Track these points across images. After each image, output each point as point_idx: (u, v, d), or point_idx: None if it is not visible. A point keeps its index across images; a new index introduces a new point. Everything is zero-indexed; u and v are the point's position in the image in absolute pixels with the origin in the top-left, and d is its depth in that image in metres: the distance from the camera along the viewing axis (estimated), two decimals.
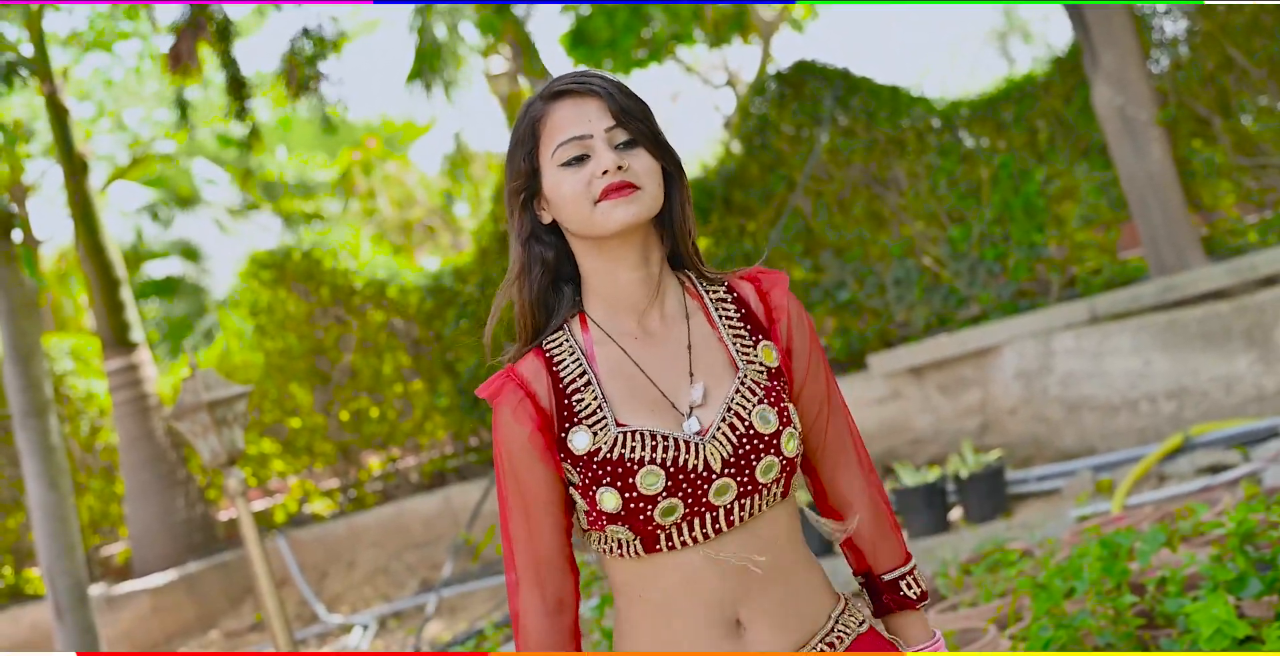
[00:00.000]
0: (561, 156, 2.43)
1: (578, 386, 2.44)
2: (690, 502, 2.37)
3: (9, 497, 13.68)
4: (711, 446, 2.39)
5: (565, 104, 2.46)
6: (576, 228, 2.45)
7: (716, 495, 2.38)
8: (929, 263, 11.05)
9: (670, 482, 2.36)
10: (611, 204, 2.40)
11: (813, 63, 11.47)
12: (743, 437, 2.41)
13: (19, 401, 8.64)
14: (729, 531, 2.41)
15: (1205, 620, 4.35)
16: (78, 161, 13.64)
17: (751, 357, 2.50)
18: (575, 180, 2.42)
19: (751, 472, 2.41)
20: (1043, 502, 9.02)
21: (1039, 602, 5.20)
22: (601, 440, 2.40)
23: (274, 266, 13.09)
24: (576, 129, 2.44)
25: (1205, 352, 9.07)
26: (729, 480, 2.39)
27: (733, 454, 2.40)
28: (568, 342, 2.49)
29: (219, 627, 12.20)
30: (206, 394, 7.05)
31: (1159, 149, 9.91)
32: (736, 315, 2.54)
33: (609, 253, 2.47)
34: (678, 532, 2.39)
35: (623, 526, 2.39)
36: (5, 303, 8.55)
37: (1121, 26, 9.92)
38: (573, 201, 2.42)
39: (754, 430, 2.42)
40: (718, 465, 2.39)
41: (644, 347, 2.48)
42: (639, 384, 2.45)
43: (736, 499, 2.40)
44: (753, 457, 2.41)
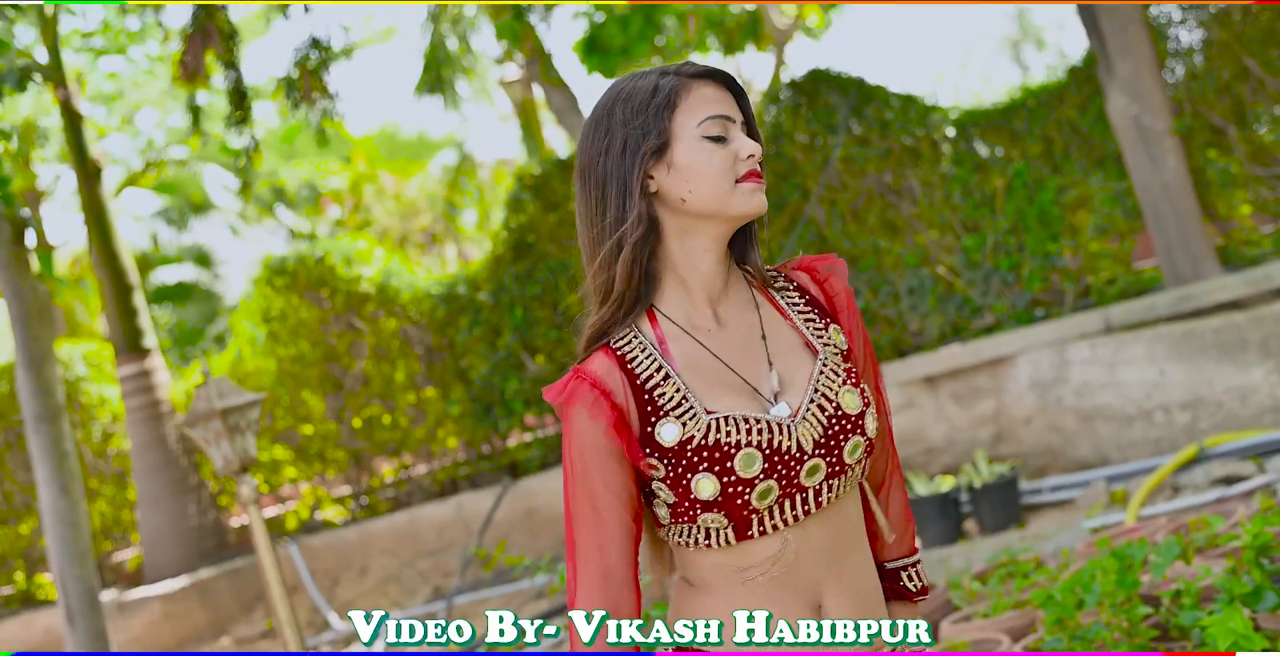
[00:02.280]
0: (708, 129, 2.44)
1: (656, 381, 2.43)
2: (784, 484, 2.40)
3: (21, 503, 13.70)
4: (804, 428, 2.42)
5: (708, 84, 2.48)
6: (703, 203, 2.45)
7: (808, 476, 2.42)
8: (943, 272, 11.03)
9: (766, 465, 2.38)
10: (753, 187, 2.44)
11: (827, 71, 11.45)
12: (832, 418, 2.45)
13: (31, 406, 8.64)
14: (814, 514, 2.45)
15: (1221, 633, 4.33)
16: (91, 167, 13.65)
17: (826, 340, 2.54)
18: (721, 155, 2.43)
19: (840, 453, 2.45)
20: (1057, 513, 9.00)
21: (1051, 614, 5.18)
22: (693, 428, 2.40)
23: (286, 273, 13.09)
24: (724, 109, 2.46)
25: (1220, 363, 9.05)
26: (819, 460, 2.42)
27: (823, 434, 2.44)
28: (638, 339, 2.47)
29: (230, 634, 12.20)
30: (219, 401, 7.06)
31: (1174, 159, 9.89)
32: (802, 301, 2.58)
33: (700, 239, 2.48)
34: (769, 516, 2.41)
35: (718, 513, 2.39)
36: (18, 308, 8.56)
37: (1137, 36, 9.90)
38: (715, 175, 2.43)
39: (841, 410, 2.46)
40: (810, 446, 2.42)
41: (718, 339, 2.49)
42: (719, 374, 2.46)
43: (825, 479, 2.44)
44: (841, 438, 2.45)
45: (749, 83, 23.57)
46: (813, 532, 2.45)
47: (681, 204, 2.45)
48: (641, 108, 2.45)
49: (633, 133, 2.44)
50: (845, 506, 2.50)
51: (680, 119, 2.44)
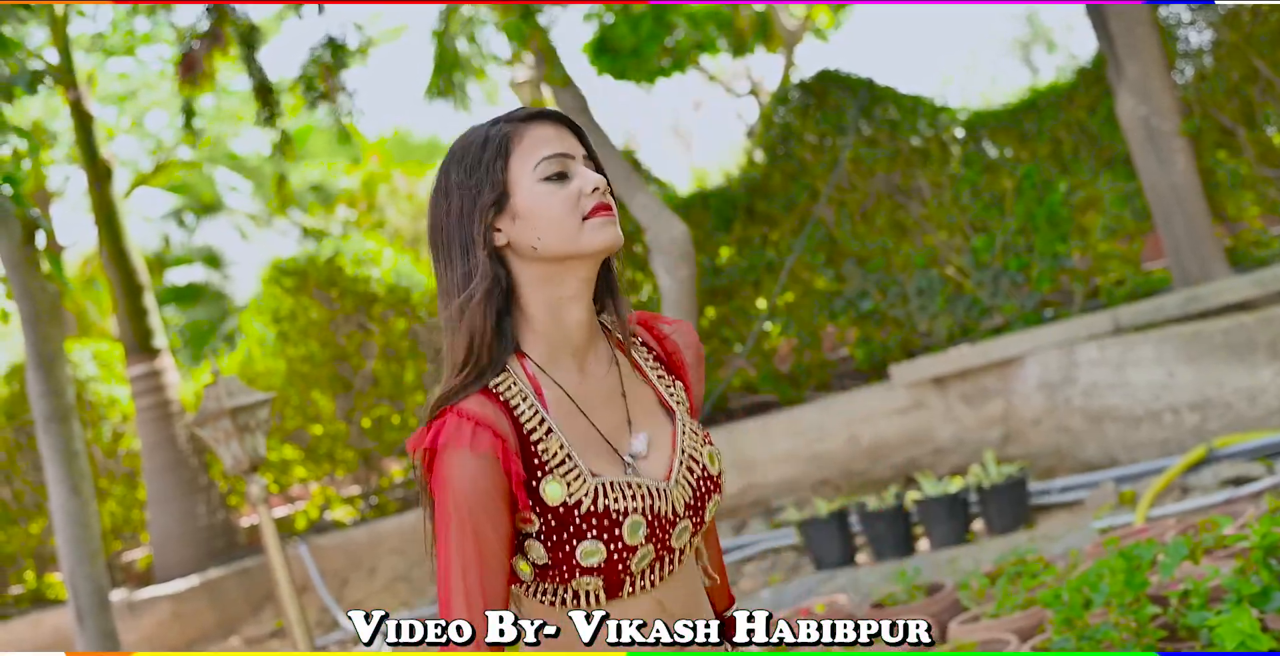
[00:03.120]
0: (544, 170, 2.36)
1: (539, 434, 2.33)
2: (658, 548, 2.36)
3: (31, 503, 13.73)
4: (677, 491, 2.39)
5: (540, 125, 2.40)
6: (554, 246, 2.35)
7: (677, 538, 2.39)
8: (952, 273, 11.03)
9: (648, 531, 2.33)
10: (602, 221, 2.35)
11: (836, 72, 11.47)
12: (700, 479, 2.43)
13: (42, 407, 8.66)
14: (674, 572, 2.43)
15: (1229, 633, 4.34)
16: (101, 167, 13.68)
17: (678, 399, 2.51)
18: (563, 195, 2.35)
19: (703, 512, 2.44)
20: (1065, 514, 9.00)
21: (1059, 614, 5.19)
22: (579, 491, 2.31)
23: (296, 273, 13.11)
24: (560, 147, 2.38)
25: (1229, 364, 9.04)
26: (688, 522, 2.41)
27: (693, 496, 2.42)
28: (517, 386, 2.36)
29: (240, 634, 12.22)
30: (229, 400, 7.07)
31: (1183, 160, 9.89)
32: (651, 356, 2.54)
33: (566, 287, 2.39)
34: (641, 578, 2.37)
35: (597, 577, 2.33)
36: (28, 308, 8.57)
37: (1146, 37, 9.90)
38: (560, 216, 2.34)
39: (706, 471, 2.44)
40: (682, 508, 2.39)
41: (585, 393, 2.41)
42: (587, 431, 2.38)
43: (689, 538, 2.43)
44: (706, 498, 2.44)
45: (758, 82, 23.58)
46: (678, 592, 2.43)
47: (534, 252, 2.36)
48: (475, 163, 2.37)
49: (468, 190, 2.37)
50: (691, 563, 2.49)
51: (515, 166, 2.36)
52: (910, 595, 6.87)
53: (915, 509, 9.02)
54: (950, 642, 5.92)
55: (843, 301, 11.32)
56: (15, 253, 8.42)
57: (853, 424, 10.69)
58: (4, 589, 14.01)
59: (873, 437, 10.65)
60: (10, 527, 13.83)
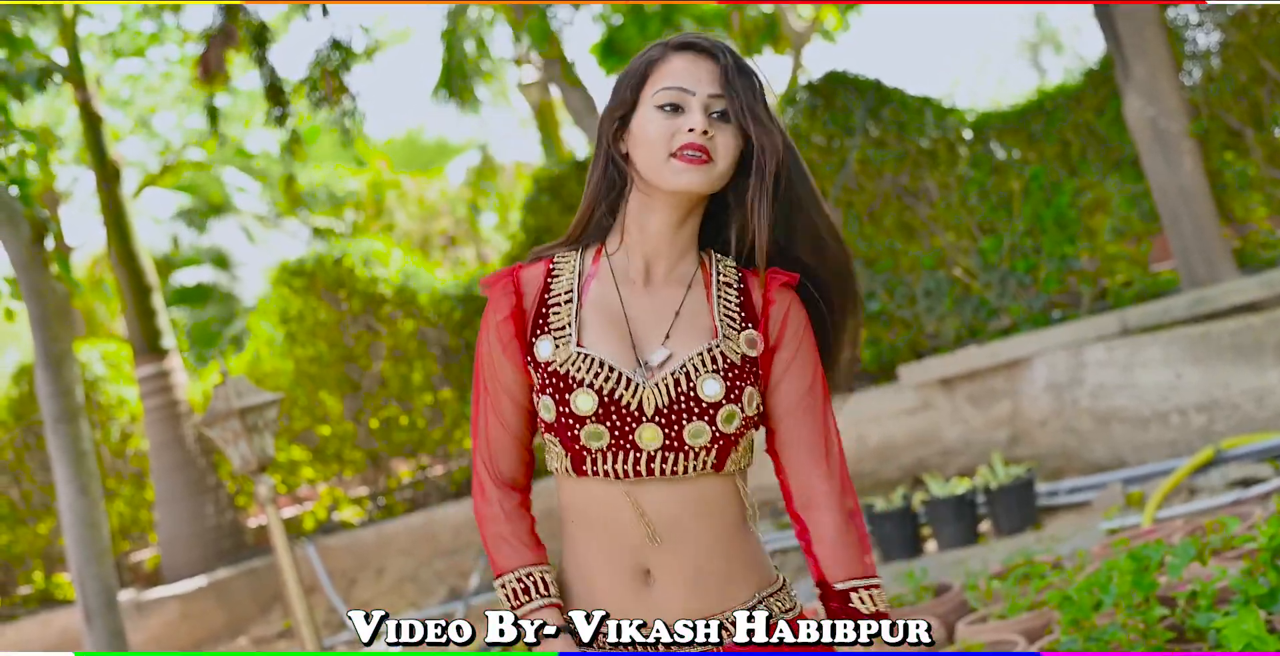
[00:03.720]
0: (661, 99, 2.53)
1: (559, 301, 2.59)
2: (616, 436, 2.50)
3: (40, 503, 13.75)
4: (649, 392, 2.51)
5: (685, 56, 2.58)
6: (642, 168, 2.54)
7: (642, 438, 2.50)
8: (960, 274, 11.03)
9: (600, 409, 2.50)
10: (683, 165, 2.51)
11: (844, 73, 11.46)
12: (682, 396, 2.51)
13: (50, 407, 8.66)
14: (655, 479, 2.52)
15: (1236, 635, 4.33)
16: (110, 168, 13.69)
17: (730, 338, 2.57)
18: (663, 126, 2.52)
19: (680, 430, 2.50)
20: (1073, 515, 9.00)
21: (1067, 615, 5.19)
22: (560, 354, 2.54)
23: (304, 274, 13.12)
24: (683, 81, 2.54)
25: (1237, 365, 9.04)
26: (656, 428, 2.50)
27: (667, 405, 2.51)
28: (574, 262, 2.64)
29: (248, 634, 12.23)
30: (238, 401, 7.08)
31: (1191, 161, 9.89)
32: (735, 301, 2.61)
33: (655, 202, 2.57)
34: (602, 460, 2.51)
35: (555, 437, 2.54)
36: (37, 308, 8.57)
37: (1153, 38, 9.90)
38: (652, 144, 2.52)
39: (694, 393, 2.51)
40: (650, 410, 2.50)
41: (637, 295, 2.60)
42: (616, 323, 2.58)
43: (661, 450, 2.50)
44: (684, 417, 2.51)
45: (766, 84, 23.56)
46: (656, 497, 2.52)
47: (637, 166, 2.57)
48: (624, 75, 2.60)
49: (612, 98, 2.60)
50: (701, 489, 2.55)
51: (647, 88, 2.56)
52: (918, 596, 6.88)
53: (923, 510, 9.03)
54: (958, 643, 5.92)
55: None
56: (24, 253, 8.42)
57: (860, 424, 10.69)
58: (12, 589, 14.03)
59: (880, 438, 10.66)
60: (18, 528, 13.85)
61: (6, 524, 13.84)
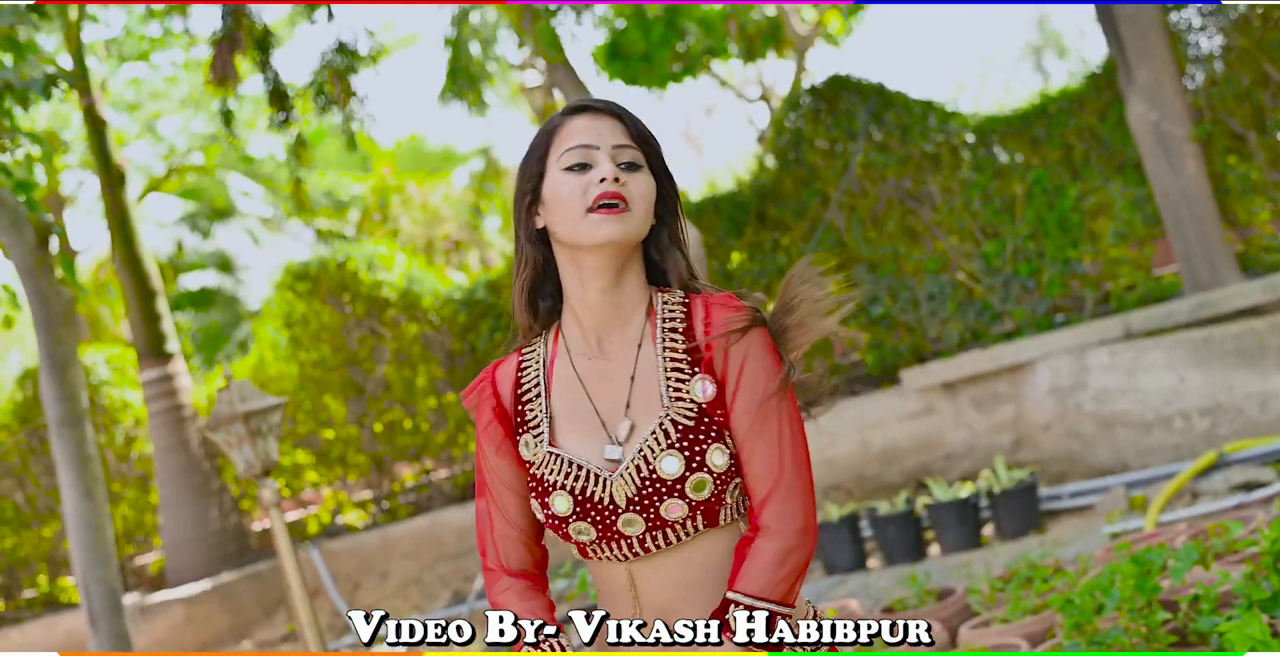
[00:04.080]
0: (566, 160, 2.54)
1: (531, 397, 2.61)
2: (601, 529, 2.51)
3: (44, 507, 13.76)
4: (618, 484, 2.50)
5: (583, 117, 2.59)
6: (563, 233, 2.54)
7: (625, 526, 2.50)
8: (963, 278, 11.04)
9: (578, 508, 2.51)
10: (601, 217, 2.49)
11: (847, 77, 11.47)
12: (646, 480, 2.49)
13: (55, 411, 8.66)
14: (658, 552, 2.52)
15: (1239, 638, 4.34)
16: (115, 173, 13.71)
17: (682, 394, 2.52)
18: (574, 184, 2.52)
19: (656, 511, 2.49)
20: (1076, 519, 9.00)
21: (1070, 619, 5.19)
22: (535, 455, 2.58)
23: (308, 278, 13.14)
24: (585, 138, 2.55)
25: (1240, 369, 9.04)
26: (635, 515, 2.50)
27: (636, 493, 2.49)
28: (538, 351, 2.65)
29: (252, 638, 12.24)
30: (242, 405, 7.09)
31: (1194, 165, 9.89)
32: (681, 347, 2.56)
33: (585, 268, 2.56)
34: (600, 550, 2.55)
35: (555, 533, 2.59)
36: (42, 313, 8.57)
37: (1156, 42, 9.90)
38: (567, 204, 2.52)
39: (657, 475, 2.49)
40: (623, 501, 2.50)
41: (596, 368, 2.58)
42: (582, 404, 2.57)
43: (647, 531, 2.51)
44: (656, 499, 2.49)
45: (769, 88, 23.57)
46: (663, 565, 2.53)
47: (556, 235, 2.57)
48: (528, 153, 2.61)
49: (520, 178, 2.62)
50: (707, 547, 2.53)
51: (551, 155, 2.57)
52: (921, 599, 6.88)
53: (926, 514, 9.03)
54: (960, 646, 5.93)
55: (853, 306, 11.31)
56: (29, 258, 8.42)
57: (864, 429, 10.70)
58: (17, 592, 14.04)
59: (884, 442, 10.66)
60: (23, 531, 13.86)
61: (11, 527, 13.86)
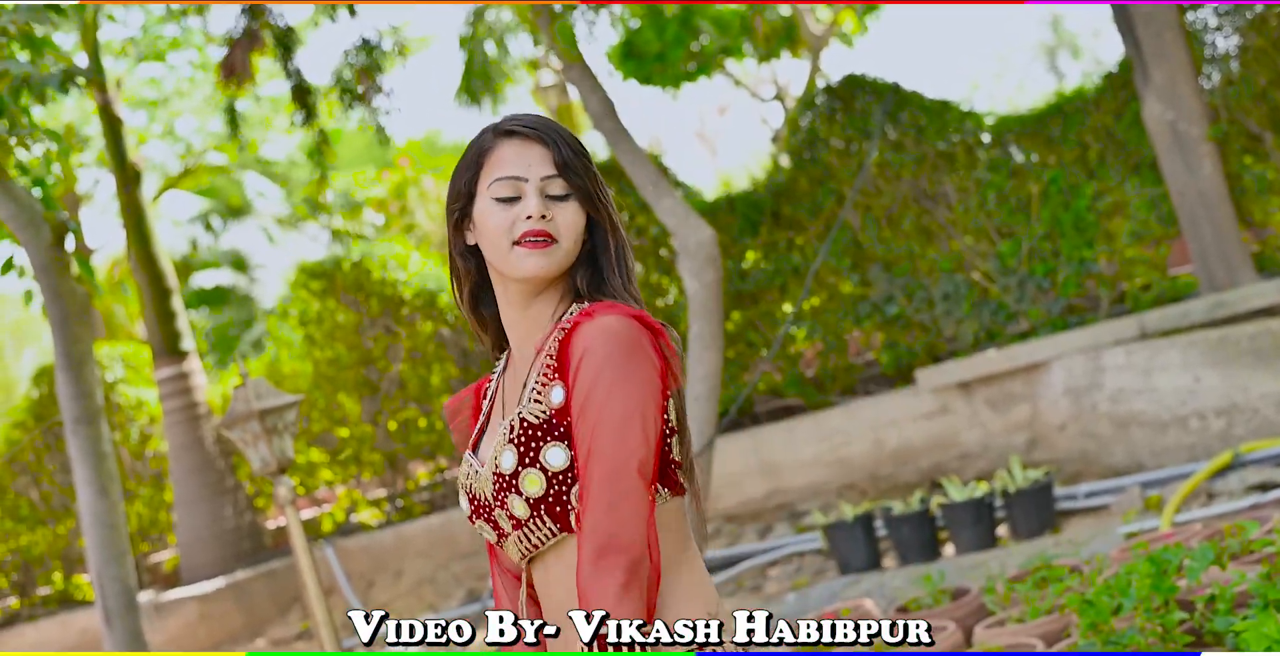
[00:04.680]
0: (496, 191, 2.56)
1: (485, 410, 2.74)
2: (492, 527, 2.59)
3: (60, 504, 13.79)
4: (480, 481, 2.60)
5: (513, 143, 2.59)
6: (491, 259, 2.60)
7: (504, 523, 2.56)
8: (978, 278, 11.03)
9: (472, 508, 2.62)
10: (526, 251, 2.54)
11: (862, 77, 11.46)
12: (495, 475, 2.55)
13: (70, 409, 8.67)
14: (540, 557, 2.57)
15: (1255, 638, 4.34)
16: (130, 171, 13.74)
17: (539, 398, 2.54)
18: (502, 217, 2.55)
19: (506, 507, 2.54)
20: (1091, 519, 8.98)
21: (1086, 619, 5.18)
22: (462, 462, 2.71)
23: (323, 276, 13.15)
24: (515, 169, 2.56)
25: (1256, 369, 9.02)
26: (501, 511, 2.55)
27: (491, 490, 2.57)
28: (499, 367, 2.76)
29: (266, 636, 12.25)
30: (258, 402, 7.09)
31: (1210, 165, 9.87)
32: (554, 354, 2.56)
33: (510, 290, 2.62)
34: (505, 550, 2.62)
35: None
36: (58, 310, 8.58)
37: (1173, 41, 9.88)
38: (495, 235, 2.56)
39: (499, 469, 2.54)
40: (491, 497, 2.57)
41: (506, 383, 2.69)
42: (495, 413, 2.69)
43: (515, 529, 2.54)
44: (503, 495, 2.54)
45: (784, 87, 23.55)
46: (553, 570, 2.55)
47: (486, 257, 2.63)
48: (459, 168, 2.63)
49: (451, 194, 2.64)
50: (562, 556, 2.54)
51: (482, 179, 2.58)
52: (935, 599, 6.87)
53: (941, 513, 9.02)
54: (975, 646, 5.92)
55: (868, 306, 11.32)
56: (45, 255, 8.43)
57: (878, 428, 10.69)
58: (32, 589, 14.07)
59: (898, 442, 10.65)
60: (39, 528, 13.89)
61: (27, 524, 13.89)
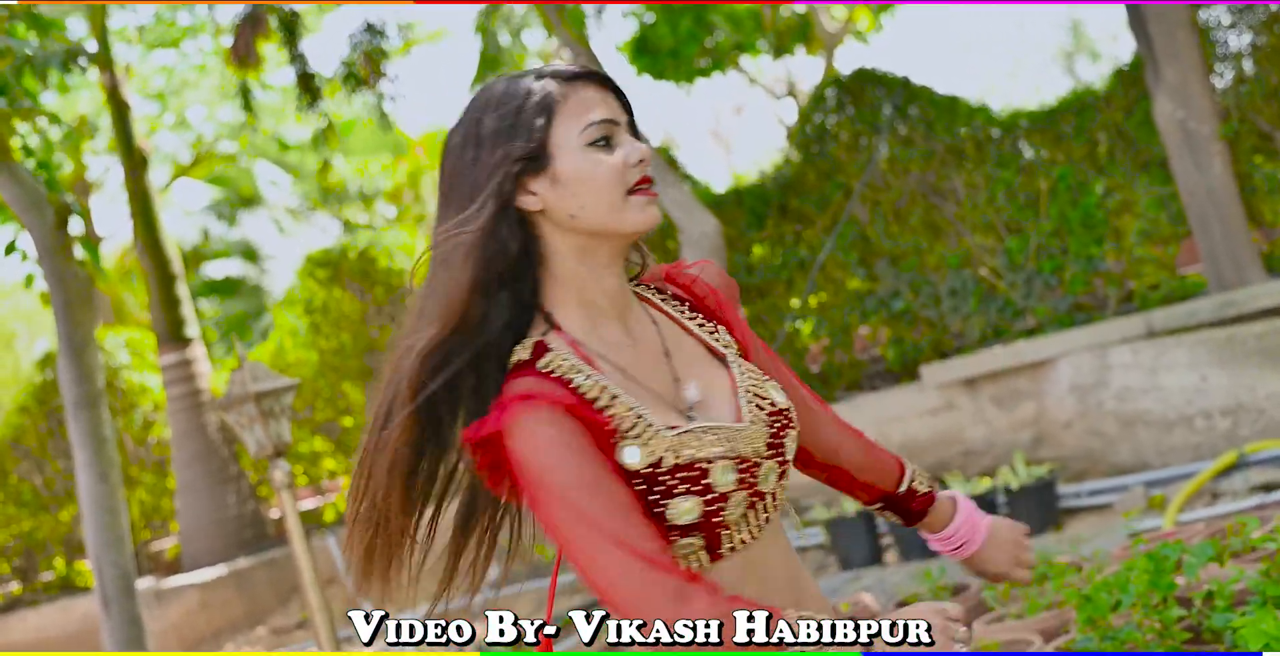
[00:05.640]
0: (592, 134, 2.21)
1: (604, 401, 2.17)
2: (750, 492, 2.22)
3: (62, 490, 13.79)
4: (753, 430, 2.25)
5: (588, 87, 2.26)
6: (594, 218, 2.22)
7: (764, 481, 2.25)
8: (985, 274, 10.98)
9: (737, 474, 2.20)
10: (645, 200, 2.23)
11: (873, 71, 11.42)
12: (771, 415, 2.29)
13: (72, 392, 8.67)
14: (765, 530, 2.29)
15: (1253, 635, 4.29)
16: (137, 156, 13.74)
17: (725, 343, 2.39)
18: (609, 164, 2.21)
19: (783, 450, 2.30)
20: (1094, 517, 8.94)
21: (1084, 614, 5.14)
22: (659, 449, 2.17)
23: (329, 265, 13.14)
24: (606, 112, 2.24)
25: (1263, 369, 8.97)
26: (772, 462, 2.27)
27: (770, 434, 2.27)
28: (567, 361, 2.20)
29: (266, 624, 12.23)
30: (254, 385, 7.07)
31: (1220, 164, 9.82)
32: (687, 307, 2.42)
33: (600, 255, 2.26)
34: (738, 530, 2.23)
35: (697, 536, 2.20)
36: (61, 294, 8.58)
37: (1185, 40, 9.83)
38: (604, 186, 2.21)
39: (775, 406, 2.30)
40: (763, 448, 2.25)
41: (633, 357, 2.28)
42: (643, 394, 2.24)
43: (777, 481, 2.29)
44: (783, 434, 2.30)
45: (797, 85, 23.54)
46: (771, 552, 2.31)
47: (571, 221, 2.23)
48: (513, 115, 2.22)
49: (501, 141, 2.22)
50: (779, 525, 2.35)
51: (560, 127, 2.22)
52: (935, 595, 6.83)
53: None
54: (974, 642, 5.88)
55: (875, 301, 11.28)
56: (48, 238, 8.43)
57: (883, 424, 10.65)
58: (34, 575, 14.08)
59: (903, 438, 10.61)
60: (41, 514, 13.89)
61: (29, 510, 13.90)
